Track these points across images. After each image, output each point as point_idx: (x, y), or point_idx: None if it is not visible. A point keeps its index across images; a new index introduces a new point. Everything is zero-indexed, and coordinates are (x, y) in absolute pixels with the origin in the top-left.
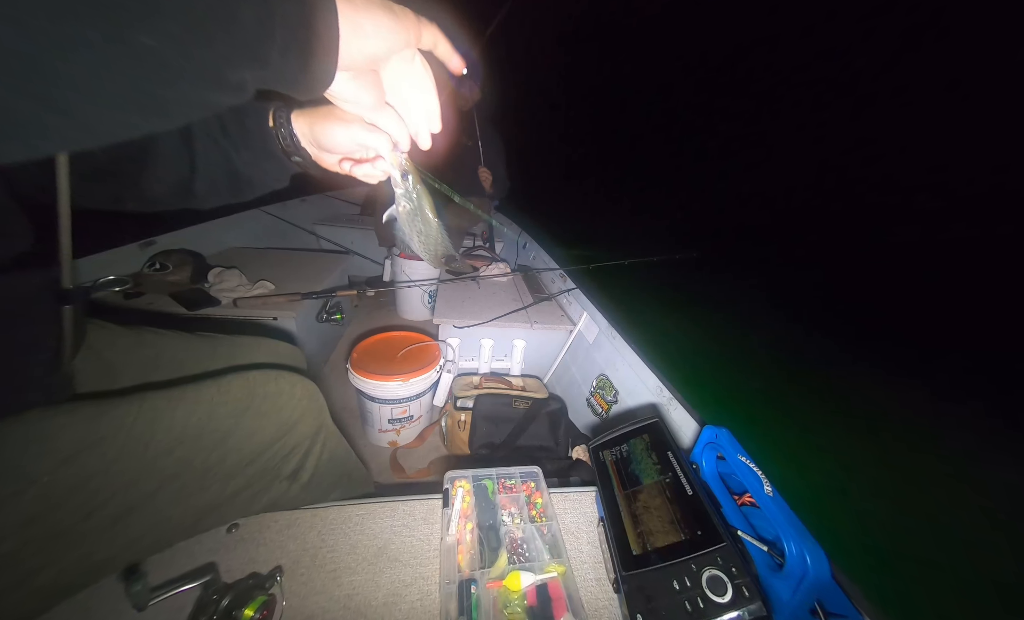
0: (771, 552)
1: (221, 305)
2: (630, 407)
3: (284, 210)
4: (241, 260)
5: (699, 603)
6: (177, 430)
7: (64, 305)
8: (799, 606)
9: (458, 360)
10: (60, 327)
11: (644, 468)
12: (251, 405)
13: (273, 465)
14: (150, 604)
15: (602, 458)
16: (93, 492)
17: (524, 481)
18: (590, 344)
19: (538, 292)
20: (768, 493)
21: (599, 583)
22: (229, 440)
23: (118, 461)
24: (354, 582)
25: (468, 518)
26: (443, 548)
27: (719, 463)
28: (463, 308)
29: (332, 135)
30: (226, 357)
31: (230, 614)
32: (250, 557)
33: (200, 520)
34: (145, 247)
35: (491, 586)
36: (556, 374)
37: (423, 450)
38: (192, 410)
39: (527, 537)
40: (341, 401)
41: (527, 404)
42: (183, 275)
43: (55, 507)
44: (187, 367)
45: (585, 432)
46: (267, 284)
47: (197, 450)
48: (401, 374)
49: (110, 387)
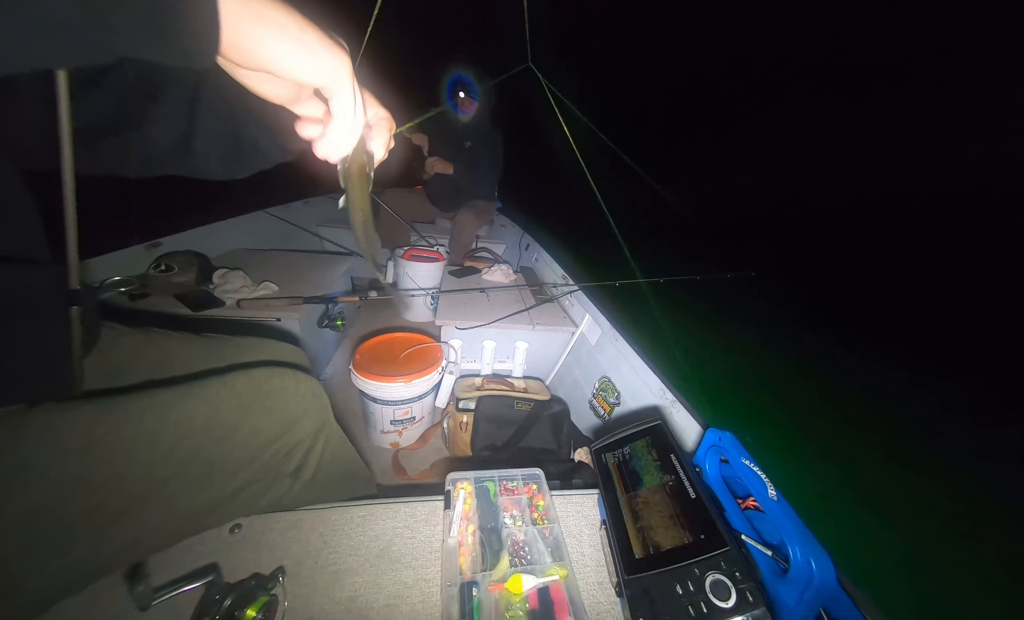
0: (775, 557)
1: (225, 306)
2: (633, 409)
3: (288, 212)
4: (245, 261)
5: (702, 608)
6: (184, 424)
7: (72, 305)
8: (804, 612)
9: (460, 361)
10: (68, 326)
11: (647, 471)
12: (256, 401)
13: (276, 462)
14: (153, 604)
15: (604, 460)
16: (100, 485)
17: (526, 483)
18: (592, 346)
19: (540, 294)
20: (772, 497)
21: (601, 586)
22: (234, 435)
23: (125, 455)
24: (356, 584)
25: (470, 520)
26: (445, 550)
27: (722, 466)
28: (465, 310)
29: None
30: (231, 357)
31: (233, 614)
32: (253, 558)
33: (204, 516)
34: (151, 248)
35: (493, 589)
36: (558, 376)
37: (425, 452)
38: (198, 405)
39: (529, 540)
40: (344, 402)
41: (529, 406)
42: (188, 276)
43: (63, 500)
44: (193, 367)
45: (587, 434)
46: (271, 285)
47: (203, 444)
48: (403, 375)
49: (117, 386)
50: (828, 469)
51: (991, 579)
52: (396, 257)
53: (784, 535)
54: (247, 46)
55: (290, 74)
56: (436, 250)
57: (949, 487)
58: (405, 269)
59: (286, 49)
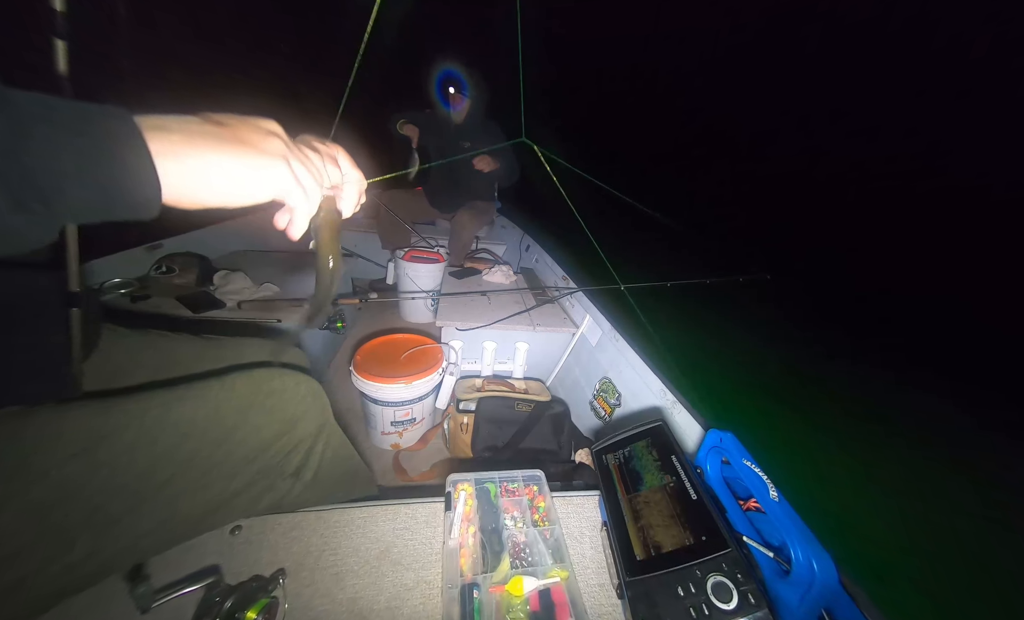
0: (777, 558)
1: (226, 308)
2: (633, 410)
3: None
4: (246, 263)
5: (704, 610)
6: (184, 425)
7: (72, 308)
8: (806, 614)
9: (461, 362)
10: (69, 329)
11: (648, 472)
12: (255, 401)
13: (277, 462)
14: (154, 606)
15: (605, 462)
16: (101, 485)
17: (527, 484)
18: (593, 346)
19: (540, 294)
20: (774, 498)
21: (602, 588)
22: (234, 435)
23: (126, 455)
24: (356, 585)
25: (471, 522)
26: (445, 552)
27: (724, 467)
28: (466, 311)
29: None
30: (232, 358)
31: (233, 616)
32: (253, 559)
33: (205, 517)
34: (151, 250)
35: (494, 591)
36: (559, 377)
37: (426, 453)
38: (199, 406)
39: (530, 541)
40: (344, 403)
41: (530, 407)
42: (189, 278)
43: (64, 500)
44: (194, 368)
45: (588, 435)
46: (272, 287)
47: (203, 444)
48: (404, 376)
49: (118, 387)
50: (829, 470)
51: (996, 580)
52: (396, 258)
53: (786, 536)
54: (191, 197)
55: (237, 204)
56: (436, 251)
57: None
58: (405, 270)
59: (226, 189)
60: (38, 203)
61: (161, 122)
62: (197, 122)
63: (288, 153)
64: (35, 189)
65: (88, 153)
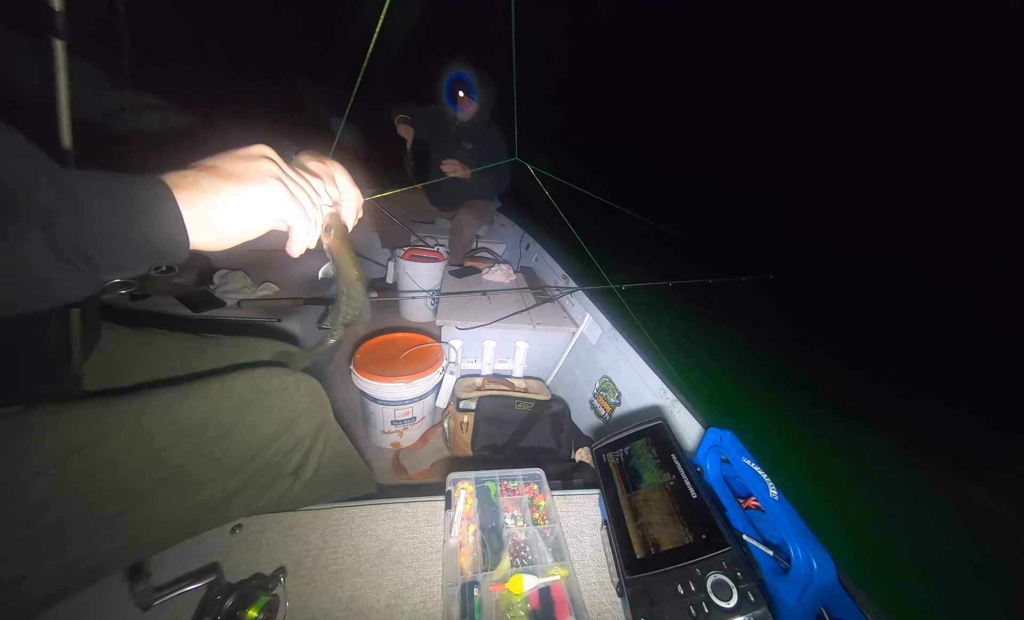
0: (776, 556)
1: (226, 307)
2: (633, 409)
3: None
4: (246, 262)
5: (704, 608)
6: (183, 423)
7: (72, 307)
8: (805, 611)
9: (461, 362)
10: (68, 328)
11: (647, 470)
12: (255, 400)
13: (276, 461)
14: (154, 604)
15: (605, 460)
16: (99, 485)
17: (527, 483)
18: (593, 346)
19: (540, 293)
20: (773, 496)
21: (602, 586)
22: (234, 433)
23: (125, 453)
24: (356, 584)
25: (471, 520)
26: (445, 550)
27: (723, 466)
28: (466, 310)
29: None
30: (232, 357)
31: (234, 614)
32: (254, 558)
33: (204, 516)
34: None
35: (494, 589)
36: (559, 376)
37: (426, 452)
38: (198, 404)
39: (530, 540)
40: (344, 402)
41: (530, 406)
42: (189, 277)
43: (62, 497)
44: (193, 367)
45: (588, 434)
46: (272, 286)
47: (202, 443)
48: (404, 375)
49: (117, 386)
50: (829, 469)
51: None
52: (396, 257)
53: (785, 535)
54: (207, 243)
55: (248, 236)
56: (436, 250)
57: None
58: (405, 269)
59: (231, 226)
60: (84, 262)
61: (179, 180)
62: (192, 175)
63: (280, 172)
64: (79, 250)
65: (128, 218)
